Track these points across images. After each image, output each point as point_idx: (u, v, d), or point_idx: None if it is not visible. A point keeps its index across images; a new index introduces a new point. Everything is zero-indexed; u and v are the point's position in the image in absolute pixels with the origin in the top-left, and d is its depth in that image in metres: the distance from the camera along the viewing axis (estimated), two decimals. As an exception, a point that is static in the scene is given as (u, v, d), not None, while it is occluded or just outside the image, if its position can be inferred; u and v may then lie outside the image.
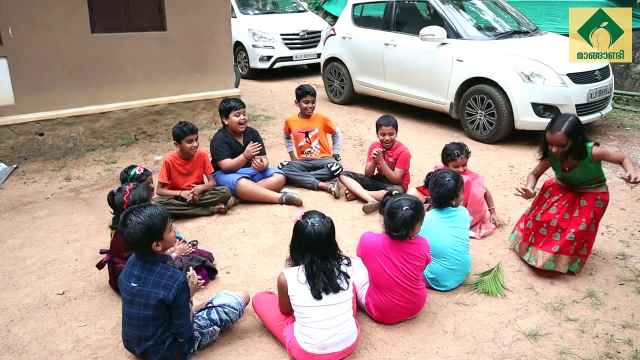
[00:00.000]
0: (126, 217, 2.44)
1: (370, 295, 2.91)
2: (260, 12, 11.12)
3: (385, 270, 2.79)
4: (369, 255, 2.85)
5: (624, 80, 8.13)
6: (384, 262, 2.80)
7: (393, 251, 2.80)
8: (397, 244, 2.81)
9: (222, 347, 2.73)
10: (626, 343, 2.72)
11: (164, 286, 2.42)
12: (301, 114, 5.09)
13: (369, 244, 2.88)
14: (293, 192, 4.56)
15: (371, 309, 2.91)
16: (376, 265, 2.82)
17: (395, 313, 2.89)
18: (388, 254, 2.79)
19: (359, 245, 2.92)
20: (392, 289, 2.81)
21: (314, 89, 5.07)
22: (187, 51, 6.36)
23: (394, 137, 4.45)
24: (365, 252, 2.87)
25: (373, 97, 7.82)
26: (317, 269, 2.53)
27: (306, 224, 2.58)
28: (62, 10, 5.46)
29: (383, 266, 2.79)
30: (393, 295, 2.82)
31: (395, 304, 2.84)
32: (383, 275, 2.81)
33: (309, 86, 5.10)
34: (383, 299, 2.84)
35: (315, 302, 2.52)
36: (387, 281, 2.81)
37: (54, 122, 5.63)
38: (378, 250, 2.82)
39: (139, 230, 2.39)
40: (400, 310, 2.88)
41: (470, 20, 6.77)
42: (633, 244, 3.79)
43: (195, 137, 4.21)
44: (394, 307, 2.85)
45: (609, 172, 5.17)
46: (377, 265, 2.81)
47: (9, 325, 2.95)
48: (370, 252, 2.84)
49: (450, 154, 3.96)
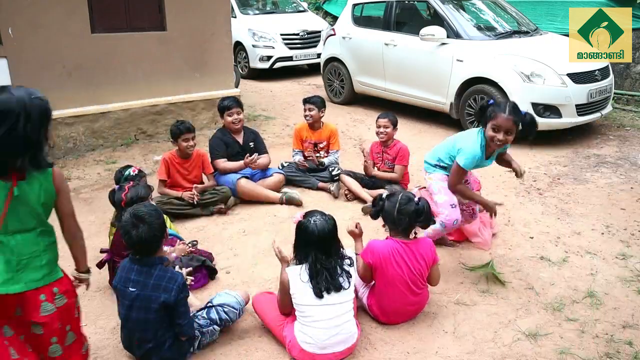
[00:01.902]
0: (135, 218, 2.42)
1: (375, 298, 2.88)
2: (260, 12, 11.12)
3: (400, 274, 2.77)
4: (385, 261, 2.77)
5: (624, 80, 8.13)
6: (401, 266, 2.77)
7: (407, 253, 2.78)
8: (407, 245, 2.80)
9: (222, 347, 2.73)
10: (626, 343, 2.72)
11: (164, 289, 2.41)
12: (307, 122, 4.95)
13: (382, 250, 2.78)
14: (293, 192, 4.56)
15: (375, 311, 2.89)
16: (392, 271, 2.77)
17: (402, 316, 2.89)
18: (403, 257, 2.77)
19: (370, 253, 2.81)
20: (404, 292, 2.80)
21: (317, 99, 4.88)
22: (187, 51, 6.35)
23: (389, 131, 4.44)
24: (381, 259, 2.77)
25: (373, 97, 7.82)
26: (321, 266, 2.53)
27: (308, 223, 2.58)
28: (62, 10, 5.45)
29: (399, 271, 2.77)
30: (402, 298, 2.81)
31: (404, 306, 2.84)
32: (398, 279, 2.77)
33: (315, 96, 4.92)
34: (392, 302, 2.82)
35: (317, 302, 2.52)
36: (400, 285, 2.78)
37: (54, 122, 5.55)
38: (393, 255, 2.77)
39: (151, 231, 2.41)
40: (407, 312, 2.89)
41: (470, 20, 6.77)
42: (633, 244, 3.79)
43: (191, 137, 4.21)
44: (402, 309, 2.86)
45: (609, 171, 5.18)
46: (393, 270, 2.77)
47: (9, 325, 2.95)
48: (386, 258, 2.77)
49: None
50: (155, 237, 2.45)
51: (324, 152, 5.00)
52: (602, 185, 4.87)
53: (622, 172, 5.20)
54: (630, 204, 4.46)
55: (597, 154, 5.71)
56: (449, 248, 3.74)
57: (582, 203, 4.48)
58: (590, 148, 5.92)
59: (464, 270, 3.46)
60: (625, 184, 4.90)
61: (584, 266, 3.48)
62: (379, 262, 2.77)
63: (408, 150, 4.56)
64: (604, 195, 4.63)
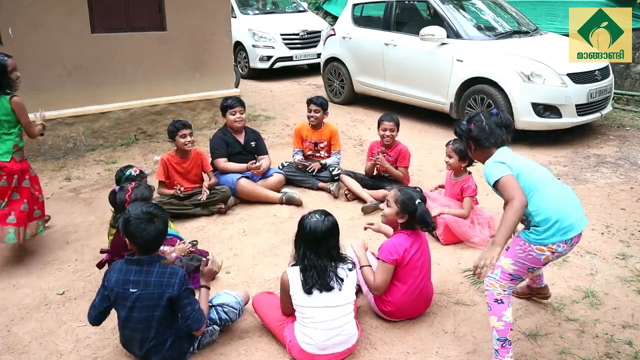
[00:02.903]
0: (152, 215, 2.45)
1: (387, 289, 2.85)
2: (260, 12, 11.12)
3: (421, 262, 2.82)
4: (407, 252, 2.77)
5: (624, 80, 8.13)
6: (420, 259, 2.82)
7: (420, 243, 2.84)
8: (418, 235, 2.85)
9: (222, 347, 2.73)
10: (626, 343, 2.72)
11: (167, 284, 2.41)
12: (310, 123, 4.97)
13: (403, 243, 2.79)
14: (293, 192, 4.56)
15: (384, 304, 2.87)
16: (414, 261, 2.79)
17: (410, 311, 2.91)
18: (419, 249, 2.82)
19: (391, 251, 2.78)
20: (421, 282, 2.84)
21: (320, 100, 4.89)
22: (187, 51, 6.35)
23: (394, 135, 4.45)
24: (404, 251, 2.77)
25: (373, 97, 7.82)
26: (308, 263, 2.53)
27: (306, 218, 2.60)
28: (62, 10, 5.45)
29: (420, 259, 2.81)
30: (416, 292, 2.84)
31: (417, 301, 2.88)
32: (419, 269, 2.82)
33: (318, 97, 4.94)
34: (405, 297, 2.82)
35: (316, 303, 2.52)
36: (419, 275, 2.82)
37: (54, 122, 5.62)
38: (412, 244, 2.80)
39: (157, 231, 2.43)
40: (416, 308, 2.92)
41: (470, 20, 6.76)
42: (633, 244, 3.79)
43: (188, 132, 4.21)
44: (413, 304, 2.88)
45: (609, 171, 5.18)
46: (415, 260, 2.80)
47: (9, 325, 2.95)
48: (407, 249, 2.78)
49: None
50: (164, 232, 2.49)
51: (324, 152, 5.00)
52: (602, 185, 4.87)
53: (622, 172, 5.20)
54: (630, 204, 4.46)
55: (597, 154, 5.71)
56: (449, 249, 3.74)
57: (582, 203, 4.44)
58: (590, 148, 5.92)
59: (464, 268, 3.46)
60: (625, 184, 4.91)
61: (584, 266, 3.48)
62: (401, 257, 2.77)
63: (409, 152, 4.56)
64: (604, 195, 4.63)
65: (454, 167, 3.90)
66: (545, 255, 2.38)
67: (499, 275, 2.44)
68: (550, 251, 2.37)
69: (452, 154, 3.85)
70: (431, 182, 4.69)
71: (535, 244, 2.37)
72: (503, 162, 2.39)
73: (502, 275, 2.44)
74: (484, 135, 2.49)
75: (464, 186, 3.83)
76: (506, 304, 2.43)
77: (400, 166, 4.50)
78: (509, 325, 2.43)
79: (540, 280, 2.96)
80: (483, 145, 2.50)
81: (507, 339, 2.44)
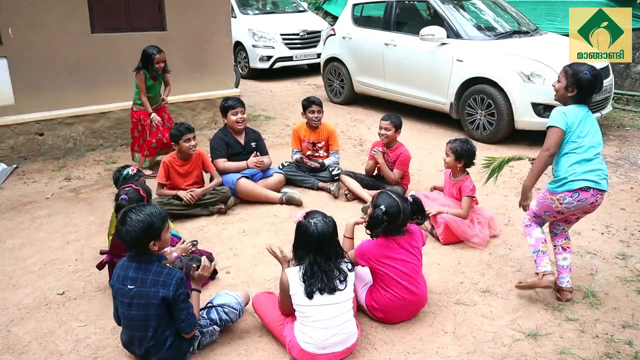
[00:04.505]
0: (125, 215, 2.43)
1: (373, 296, 2.88)
2: (260, 12, 11.12)
3: (399, 269, 2.79)
4: (385, 258, 2.79)
5: (624, 80, 8.13)
6: (399, 262, 2.80)
7: (400, 247, 2.81)
8: (398, 239, 2.82)
9: (222, 347, 2.73)
10: (626, 343, 2.72)
11: (162, 284, 2.42)
12: (308, 124, 4.96)
13: (376, 249, 2.81)
14: (293, 192, 4.55)
15: (374, 310, 2.89)
16: (389, 268, 2.79)
17: (400, 315, 2.89)
18: (398, 252, 2.80)
19: (365, 254, 2.82)
20: (402, 291, 2.81)
21: (319, 99, 4.94)
22: (187, 51, 6.35)
23: (390, 134, 4.45)
24: (377, 258, 2.79)
25: (373, 97, 7.82)
26: (318, 268, 2.53)
27: (309, 224, 2.58)
28: (62, 10, 5.45)
29: (398, 267, 2.79)
30: (401, 299, 2.81)
31: (403, 306, 2.85)
32: (397, 275, 2.79)
33: (315, 96, 4.98)
34: (390, 303, 2.82)
35: (316, 302, 2.52)
36: (400, 278, 2.80)
37: (54, 122, 5.62)
38: (389, 252, 2.80)
39: (138, 228, 2.39)
40: (406, 312, 2.89)
41: (470, 20, 6.77)
42: (633, 244, 3.79)
43: (192, 136, 4.20)
44: (400, 309, 2.86)
45: (608, 172, 5.17)
46: (391, 267, 2.79)
47: (9, 325, 2.95)
48: (384, 256, 2.79)
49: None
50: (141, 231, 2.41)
51: (323, 152, 5.00)
52: (602, 185, 4.87)
53: (622, 172, 5.20)
54: (630, 204, 4.46)
55: (597, 154, 5.70)
56: (449, 248, 3.74)
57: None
58: (590, 148, 5.91)
59: (464, 268, 3.46)
60: (625, 184, 4.91)
61: (584, 266, 3.48)
62: (375, 260, 2.80)
63: (410, 156, 4.56)
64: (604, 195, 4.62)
65: (450, 165, 3.93)
66: (555, 204, 2.91)
67: (527, 211, 3.08)
68: (559, 202, 2.89)
69: (449, 152, 3.88)
70: (431, 182, 4.69)
71: (549, 192, 2.93)
72: (565, 115, 2.80)
73: (528, 212, 3.09)
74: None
75: (462, 186, 3.84)
76: (534, 227, 3.10)
77: (396, 168, 4.50)
78: (540, 240, 3.06)
79: (561, 276, 3.11)
80: None
81: (539, 250, 3.04)
